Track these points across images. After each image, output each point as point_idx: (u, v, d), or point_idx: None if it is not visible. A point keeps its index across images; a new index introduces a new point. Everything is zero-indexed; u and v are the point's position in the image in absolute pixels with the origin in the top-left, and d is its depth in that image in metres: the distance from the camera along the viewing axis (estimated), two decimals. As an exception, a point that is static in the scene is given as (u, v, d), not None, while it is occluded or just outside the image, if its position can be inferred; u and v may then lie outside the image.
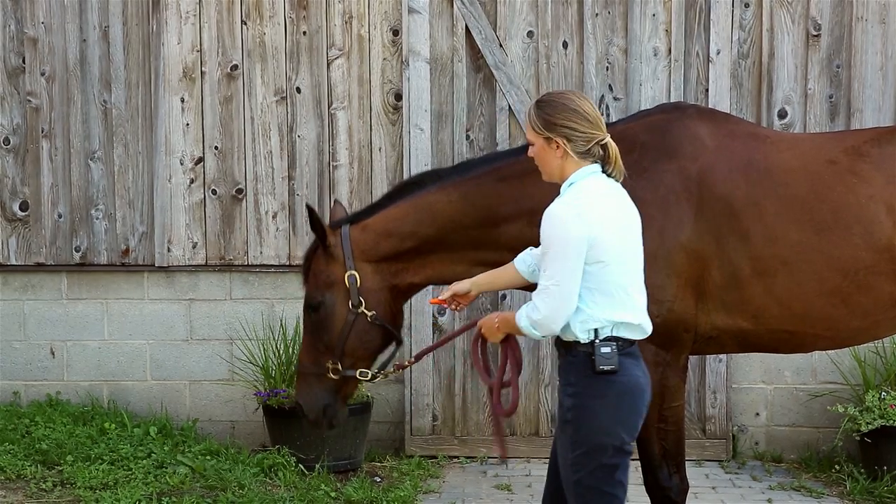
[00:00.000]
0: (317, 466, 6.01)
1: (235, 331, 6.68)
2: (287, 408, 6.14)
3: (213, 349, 6.76)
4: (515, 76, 6.48)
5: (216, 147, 6.68)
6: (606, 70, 6.49)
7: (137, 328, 6.78)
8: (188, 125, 6.67)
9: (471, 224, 4.23)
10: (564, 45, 6.51)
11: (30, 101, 6.77)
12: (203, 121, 6.68)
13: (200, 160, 6.69)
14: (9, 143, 6.78)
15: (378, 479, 6.16)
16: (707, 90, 6.40)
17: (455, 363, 6.59)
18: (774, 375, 6.56)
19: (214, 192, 6.70)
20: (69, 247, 6.78)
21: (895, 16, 6.40)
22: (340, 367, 4.23)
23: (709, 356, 6.32)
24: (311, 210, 4.21)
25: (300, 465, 6.03)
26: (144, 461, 5.86)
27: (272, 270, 6.69)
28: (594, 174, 3.46)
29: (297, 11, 6.61)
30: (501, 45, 6.50)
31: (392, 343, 4.37)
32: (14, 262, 6.80)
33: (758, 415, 6.60)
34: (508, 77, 6.46)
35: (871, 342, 5.41)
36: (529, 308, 3.42)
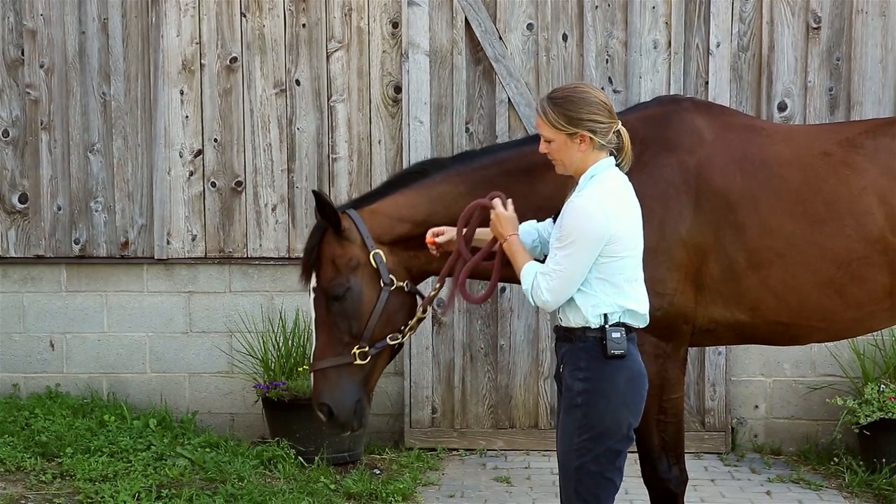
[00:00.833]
0: (316, 459, 6.02)
1: (235, 323, 6.68)
2: (286, 400, 6.15)
3: (213, 342, 6.75)
4: (515, 69, 6.47)
5: (215, 139, 6.68)
6: (606, 63, 6.49)
7: (137, 321, 6.78)
8: (187, 117, 6.67)
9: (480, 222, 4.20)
10: (564, 38, 6.50)
11: (29, 94, 6.76)
12: (202, 113, 6.67)
13: (200, 153, 6.68)
14: (8, 136, 6.78)
15: (377, 472, 6.16)
16: (707, 83, 6.39)
17: (455, 356, 6.59)
18: (773, 368, 6.57)
19: (214, 185, 6.69)
20: (68, 239, 6.78)
21: (895, 8, 6.40)
22: (368, 349, 4.10)
23: (708, 349, 6.32)
24: (320, 194, 4.10)
25: (299, 458, 6.03)
26: (144, 453, 5.86)
27: (271, 263, 6.69)
28: (611, 167, 3.51)
29: (297, 4, 6.60)
30: (501, 38, 6.49)
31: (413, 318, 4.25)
32: (13, 255, 6.80)
33: (757, 407, 6.61)
34: (508, 69, 6.45)
35: (868, 334, 5.42)
36: (533, 277, 3.45)
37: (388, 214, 4.22)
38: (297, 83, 6.64)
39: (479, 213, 3.81)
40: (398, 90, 6.57)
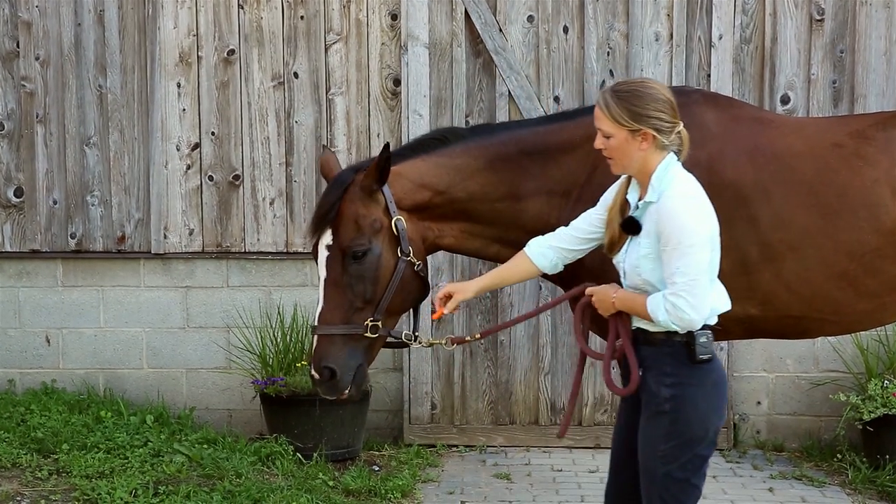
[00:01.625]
0: (314, 455, 5.98)
1: (232, 318, 6.63)
2: (284, 396, 6.11)
3: (210, 337, 6.71)
4: (515, 61, 6.41)
5: (213, 133, 6.62)
6: (607, 55, 6.43)
7: (133, 316, 6.73)
8: (184, 110, 6.61)
9: (496, 197, 4.10)
10: (565, 30, 6.45)
11: (24, 86, 6.70)
12: (199, 106, 6.62)
13: (197, 146, 6.63)
14: (3, 129, 6.72)
15: (376, 468, 6.13)
16: (709, 75, 6.34)
17: (454, 351, 6.54)
18: (776, 364, 6.52)
19: (211, 179, 6.64)
20: (64, 233, 6.73)
21: (899, 0, 6.36)
22: (380, 325, 3.92)
23: (710, 344, 6.27)
24: (388, 148, 3.88)
25: (298, 454, 5.99)
26: (141, 450, 5.82)
27: (269, 258, 6.64)
28: (679, 164, 3.37)
29: (295, -5, 6.55)
30: (501, 30, 6.44)
31: (420, 300, 4.14)
32: (9, 249, 6.75)
33: (759, 403, 6.56)
34: (508, 62, 6.40)
35: (875, 329, 5.37)
36: (664, 305, 3.25)
37: (412, 179, 4.06)
38: (296, 76, 6.58)
39: (587, 311, 3.58)
40: (397, 83, 6.52)
